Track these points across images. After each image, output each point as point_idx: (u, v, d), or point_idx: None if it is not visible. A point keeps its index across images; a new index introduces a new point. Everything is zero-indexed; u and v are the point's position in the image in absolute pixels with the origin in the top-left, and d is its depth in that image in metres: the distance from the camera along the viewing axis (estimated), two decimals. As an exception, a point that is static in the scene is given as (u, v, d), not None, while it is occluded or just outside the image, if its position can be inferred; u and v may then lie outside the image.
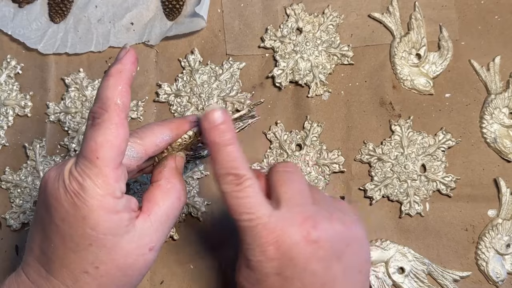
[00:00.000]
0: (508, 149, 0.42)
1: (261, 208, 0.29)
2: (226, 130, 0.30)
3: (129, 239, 0.28)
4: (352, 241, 0.30)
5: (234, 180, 0.29)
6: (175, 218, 0.32)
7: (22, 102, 0.47)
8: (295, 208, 0.30)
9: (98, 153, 0.27)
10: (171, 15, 0.46)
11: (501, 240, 0.41)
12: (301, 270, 0.29)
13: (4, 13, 0.48)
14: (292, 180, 0.31)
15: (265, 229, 0.29)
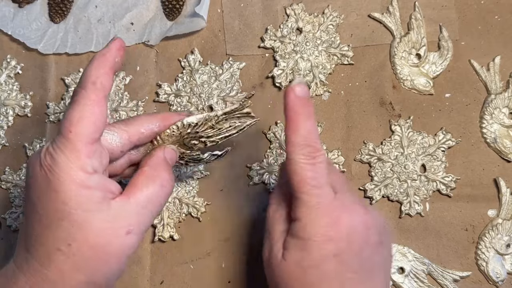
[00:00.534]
0: (508, 149, 0.42)
1: (328, 187, 0.30)
2: (309, 103, 0.30)
3: (102, 218, 0.28)
4: (388, 232, 0.32)
5: (312, 152, 0.29)
6: (159, 206, 0.31)
7: (22, 102, 0.47)
8: (348, 195, 0.31)
9: (72, 128, 0.27)
10: (171, 15, 0.46)
11: (501, 240, 0.41)
12: (357, 254, 0.29)
13: (4, 13, 0.48)
14: (337, 171, 0.34)
15: (329, 208, 0.29)
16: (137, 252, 0.44)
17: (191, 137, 0.35)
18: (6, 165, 0.46)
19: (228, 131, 0.36)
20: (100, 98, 0.28)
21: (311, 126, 0.30)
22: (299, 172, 0.29)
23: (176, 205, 0.44)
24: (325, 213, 0.29)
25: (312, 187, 0.29)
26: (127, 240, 0.29)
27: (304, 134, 0.29)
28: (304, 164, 0.29)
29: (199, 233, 0.44)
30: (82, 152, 0.27)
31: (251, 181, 0.44)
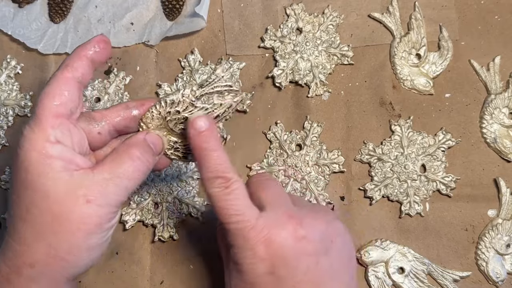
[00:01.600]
0: (508, 149, 0.42)
1: (249, 210, 0.30)
2: (211, 136, 0.31)
3: (63, 187, 0.28)
4: (336, 237, 0.31)
5: (223, 183, 0.30)
6: (127, 180, 0.30)
7: (22, 102, 0.47)
8: (279, 209, 0.31)
9: (38, 103, 0.29)
10: (171, 15, 0.46)
11: (501, 240, 0.41)
12: (293, 267, 0.29)
13: (4, 13, 0.48)
14: (270, 185, 0.33)
15: (254, 230, 0.29)
16: (137, 252, 0.44)
17: (175, 120, 0.34)
18: (6, 165, 0.46)
19: (214, 110, 0.34)
20: (67, 77, 0.30)
21: (218, 158, 0.30)
22: (217, 204, 0.30)
23: (176, 205, 0.44)
24: (250, 236, 0.29)
25: (232, 216, 0.30)
26: (87, 209, 0.28)
27: (211, 168, 0.30)
28: (218, 195, 0.30)
29: (199, 233, 0.44)
30: (45, 123, 0.29)
31: (251, 181, 0.44)
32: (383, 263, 0.42)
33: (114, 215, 0.30)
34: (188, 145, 0.34)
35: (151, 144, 0.32)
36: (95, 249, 0.30)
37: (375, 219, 0.43)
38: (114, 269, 0.44)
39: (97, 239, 0.29)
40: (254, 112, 0.45)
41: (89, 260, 0.30)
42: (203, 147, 0.30)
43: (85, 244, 0.29)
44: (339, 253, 0.31)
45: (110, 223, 0.30)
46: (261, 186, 0.33)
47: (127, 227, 0.44)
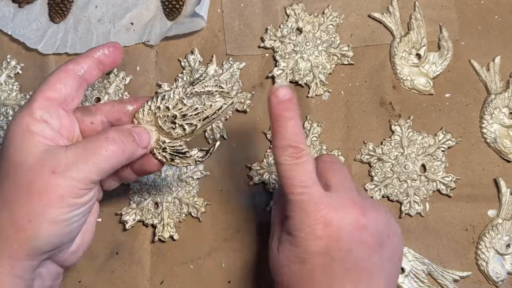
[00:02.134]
0: (508, 149, 0.42)
1: (314, 185, 0.30)
2: (291, 105, 0.31)
3: (34, 158, 0.29)
4: (392, 234, 0.32)
5: (294, 152, 0.30)
6: (102, 162, 0.30)
7: (22, 102, 0.47)
8: (344, 193, 0.31)
9: (36, 88, 0.31)
10: (171, 15, 0.46)
11: (501, 240, 0.41)
12: (346, 252, 0.29)
13: (4, 13, 0.48)
14: (339, 169, 0.33)
15: (316, 207, 0.29)
16: (137, 252, 0.44)
17: (165, 118, 0.33)
18: (6, 165, 0.46)
19: (204, 111, 0.33)
20: (68, 68, 0.32)
21: (293, 127, 0.30)
22: (284, 173, 0.30)
23: (176, 205, 0.44)
24: (311, 212, 0.29)
25: (297, 187, 0.30)
26: (50, 179, 0.28)
27: (286, 136, 0.30)
28: (288, 165, 0.30)
29: (199, 233, 0.44)
30: (34, 103, 0.30)
31: (251, 181, 0.44)
32: (383, 263, 0.42)
33: (81, 192, 0.29)
34: (175, 147, 0.34)
35: (135, 134, 0.32)
36: (58, 225, 0.29)
37: (375, 219, 0.43)
38: (114, 269, 0.44)
39: (59, 212, 0.29)
40: (254, 112, 0.45)
41: (52, 237, 0.29)
42: (283, 115, 0.30)
43: (45, 215, 0.28)
44: (392, 251, 0.31)
45: (76, 200, 0.29)
46: (330, 167, 0.33)
47: (127, 227, 0.44)
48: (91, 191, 0.30)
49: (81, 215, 0.30)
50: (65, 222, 0.29)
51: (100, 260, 0.44)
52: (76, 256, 0.33)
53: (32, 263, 0.29)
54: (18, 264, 0.29)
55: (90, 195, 0.30)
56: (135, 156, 0.32)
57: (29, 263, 0.29)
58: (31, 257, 0.29)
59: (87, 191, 0.30)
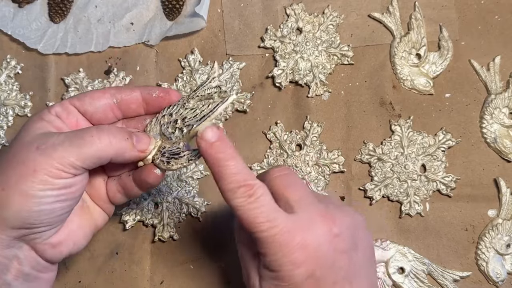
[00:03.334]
0: (508, 149, 0.42)
1: (278, 214, 0.29)
2: (224, 145, 0.30)
3: (32, 137, 0.30)
4: (359, 228, 0.31)
5: (246, 191, 0.29)
6: (89, 150, 0.30)
7: (22, 102, 0.47)
8: (309, 208, 0.30)
9: None
10: (171, 15, 0.46)
11: (501, 240, 0.41)
12: (330, 267, 0.29)
13: (4, 13, 0.48)
14: (295, 183, 0.31)
15: (288, 236, 0.28)
16: (137, 252, 0.44)
17: (168, 124, 0.34)
18: (6, 165, 0.46)
19: (202, 112, 0.33)
20: (106, 90, 0.34)
21: (235, 166, 0.29)
22: (243, 215, 0.29)
23: (176, 205, 0.44)
24: (286, 243, 0.28)
25: (262, 224, 0.28)
26: (30, 153, 0.29)
27: (231, 178, 0.29)
28: (244, 205, 0.29)
29: (199, 233, 0.44)
30: (58, 103, 0.33)
31: (251, 181, 0.44)
32: (383, 263, 0.42)
33: (57, 173, 0.29)
34: (172, 150, 0.34)
35: (135, 136, 0.32)
36: (28, 199, 0.29)
37: (375, 219, 0.43)
38: (114, 269, 0.44)
39: (30, 186, 0.29)
40: (254, 112, 0.45)
41: (21, 210, 0.29)
42: (218, 157, 0.29)
43: (17, 186, 0.29)
44: (364, 243, 0.31)
45: (49, 179, 0.29)
46: (285, 184, 0.31)
47: (127, 227, 0.44)
48: (70, 178, 0.30)
49: (55, 198, 0.30)
50: (35, 198, 0.29)
51: (100, 260, 0.44)
52: (58, 251, 0.32)
53: (2, 236, 0.29)
54: None
55: (68, 181, 0.30)
56: (127, 154, 0.32)
57: (0, 235, 0.29)
58: (1, 228, 0.29)
59: (65, 174, 0.29)
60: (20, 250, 0.31)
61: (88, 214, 0.34)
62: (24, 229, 0.30)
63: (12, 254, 0.30)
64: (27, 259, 0.31)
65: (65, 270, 0.44)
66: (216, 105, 0.33)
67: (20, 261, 0.31)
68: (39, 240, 0.31)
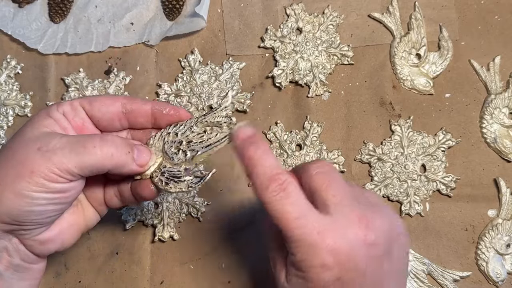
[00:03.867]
0: (508, 149, 0.42)
1: (311, 212, 0.28)
2: (257, 139, 0.30)
3: (35, 136, 0.30)
4: (397, 235, 0.30)
5: (278, 185, 0.28)
6: (89, 158, 0.30)
7: (22, 102, 0.47)
8: (345, 209, 0.29)
9: None
10: (171, 15, 0.46)
11: (501, 240, 0.41)
12: (361, 272, 0.28)
13: (4, 13, 0.48)
14: (337, 181, 0.30)
15: (320, 237, 0.27)
16: (137, 252, 0.44)
17: (172, 144, 0.34)
18: (6, 165, 0.46)
19: (209, 140, 0.34)
20: (117, 98, 0.34)
21: (267, 160, 0.29)
22: (275, 212, 0.28)
23: (176, 205, 0.44)
24: (316, 244, 0.28)
25: (293, 221, 0.28)
26: (31, 154, 0.29)
27: (263, 171, 0.29)
28: (276, 201, 0.28)
29: (199, 233, 0.44)
30: (68, 101, 0.33)
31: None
32: (383, 263, 0.42)
33: (53, 177, 0.29)
34: (173, 172, 0.34)
35: (136, 149, 0.32)
36: (21, 199, 0.29)
37: (375, 219, 0.43)
38: (114, 269, 0.44)
39: (24, 187, 0.29)
40: (254, 112, 0.45)
41: (12, 209, 0.29)
42: (252, 151, 0.29)
43: (12, 185, 0.29)
44: (399, 252, 0.30)
45: (45, 182, 0.29)
46: (326, 182, 0.30)
47: (127, 227, 0.44)
48: (66, 183, 0.30)
49: (48, 201, 0.30)
50: (28, 199, 0.29)
51: (100, 260, 0.44)
52: (45, 248, 0.32)
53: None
54: None
55: (64, 186, 0.30)
56: (125, 168, 0.32)
57: None
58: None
59: (62, 179, 0.29)
60: (9, 242, 0.31)
61: (81, 214, 0.34)
62: (14, 224, 0.30)
63: (2, 245, 0.31)
64: (16, 251, 0.31)
65: (65, 270, 0.44)
66: (224, 136, 0.33)
67: (9, 252, 0.31)
68: (28, 236, 0.31)
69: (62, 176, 0.29)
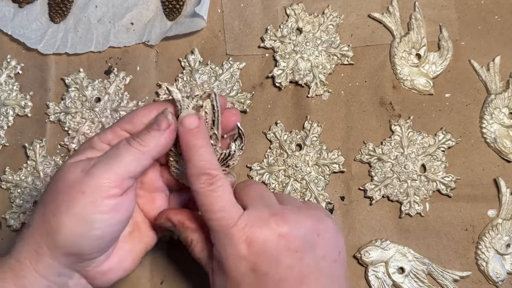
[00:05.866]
0: (508, 149, 0.42)
1: (233, 207, 0.30)
2: (199, 133, 0.32)
3: (77, 162, 0.31)
4: (323, 232, 0.31)
5: (208, 179, 0.30)
6: (122, 169, 0.31)
7: (22, 102, 0.47)
8: (261, 207, 0.31)
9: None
10: (171, 15, 0.46)
11: (501, 240, 0.41)
12: (275, 264, 0.29)
13: (4, 13, 0.48)
14: (253, 187, 0.33)
15: (236, 228, 0.29)
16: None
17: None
18: (6, 165, 0.46)
19: (208, 118, 0.34)
20: (153, 107, 0.34)
21: (204, 155, 0.31)
22: (201, 201, 0.31)
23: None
24: (233, 234, 0.29)
25: (216, 212, 0.30)
26: (77, 176, 0.30)
27: (198, 164, 0.31)
28: (204, 192, 0.30)
29: (199, 233, 0.44)
30: (108, 130, 0.34)
31: (251, 181, 0.44)
32: (383, 263, 0.42)
33: (110, 192, 0.30)
34: (220, 157, 0.35)
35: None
36: (79, 223, 0.29)
37: (375, 219, 0.43)
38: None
39: (80, 209, 0.29)
40: (254, 112, 0.45)
41: (72, 235, 0.29)
42: (192, 144, 0.31)
43: (68, 210, 0.29)
44: (326, 248, 0.31)
45: (103, 200, 0.30)
46: (244, 189, 0.33)
47: (127, 227, 0.44)
48: (118, 197, 0.30)
49: (104, 223, 0.30)
50: (86, 223, 0.30)
51: (100, 260, 0.44)
52: (107, 278, 0.33)
53: (54, 263, 0.30)
54: (41, 261, 0.30)
55: (117, 202, 0.30)
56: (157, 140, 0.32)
57: (52, 262, 0.30)
58: (53, 255, 0.30)
59: (113, 191, 0.30)
60: (70, 278, 0.31)
61: (138, 237, 0.35)
62: (75, 256, 0.30)
63: (62, 282, 0.31)
64: (76, 286, 0.32)
65: None
66: (213, 103, 0.34)
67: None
68: (90, 268, 0.32)
69: (112, 186, 0.30)
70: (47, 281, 0.30)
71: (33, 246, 0.30)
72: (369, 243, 0.42)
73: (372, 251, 0.41)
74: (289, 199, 0.34)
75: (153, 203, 0.36)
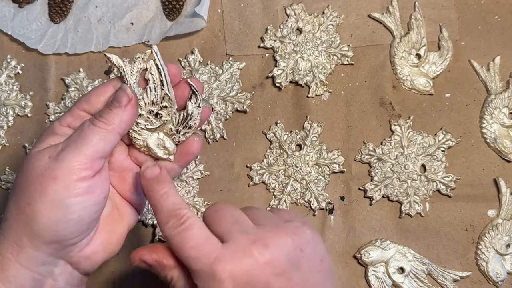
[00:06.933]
0: (508, 149, 0.42)
1: (208, 242, 0.29)
2: (161, 181, 0.31)
3: (42, 149, 0.31)
4: (305, 245, 0.30)
5: (176, 221, 0.29)
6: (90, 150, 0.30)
7: (22, 102, 0.47)
8: (239, 235, 0.29)
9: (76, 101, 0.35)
10: (171, 15, 0.46)
11: (501, 240, 0.41)
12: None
13: (4, 13, 0.48)
14: (225, 213, 0.32)
15: (217, 265, 0.28)
16: (137, 252, 0.44)
17: (147, 120, 0.34)
18: (6, 165, 0.46)
19: (155, 82, 0.34)
20: (110, 84, 0.34)
21: (168, 198, 0.30)
22: (175, 244, 0.29)
23: (176, 205, 0.44)
24: (214, 272, 0.28)
25: (192, 251, 0.28)
26: (46, 163, 0.30)
27: (163, 209, 0.30)
28: (175, 234, 0.29)
29: (199, 233, 0.44)
30: (67, 113, 0.33)
31: (251, 181, 0.44)
32: (383, 263, 0.42)
33: (82, 174, 0.29)
34: (179, 120, 0.34)
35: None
36: (55, 208, 0.29)
37: (375, 219, 0.43)
38: (114, 269, 0.44)
39: (54, 195, 0.29)
40: (254, 112, 0.45)
41: (50, 222, 0.29)
42: (153, 191, 0.31)
43: (42, 197, 0.29)
44: (310, 261, 0.30)
45: (76, 183, 0.29)
46: (215, 216, 0.31)
47: (127, 227, 0.44)
48: (91, 179, 0.30)
49: (81, 206, 0.30)
50: (61, 208, 0.29)
51: (100, 260, 0.44)
52: (92, 261, 0.32)
53: (36, 253, 0.30)
54: (23, 252, 0.30)
55: (90, 184, 0.30)
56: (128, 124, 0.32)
57: (34, 252, 0.30)
58: (34, 245, 0.30)
59: (85, 173, 0.30)
60: (55, 266, 0.31)
61: (118, 217, 0.35)
62: (56, 242, 0.30)
63: (47, 270, 0.31)
64: (62, 274, 0.32)
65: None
66: (157, 62, 0.33)
67: (54, 277, 0.31)
68: (73, 253, 0.31)
69: (83, 168, 0.30)
70: (31, 271, 0.30)
71: (12, 238, 0.30)
72: (369, 243, 0.42)
73: (372, 251, 0.41)
74: (263, 215, 0.32)
75: (124, 182, 0.35)
